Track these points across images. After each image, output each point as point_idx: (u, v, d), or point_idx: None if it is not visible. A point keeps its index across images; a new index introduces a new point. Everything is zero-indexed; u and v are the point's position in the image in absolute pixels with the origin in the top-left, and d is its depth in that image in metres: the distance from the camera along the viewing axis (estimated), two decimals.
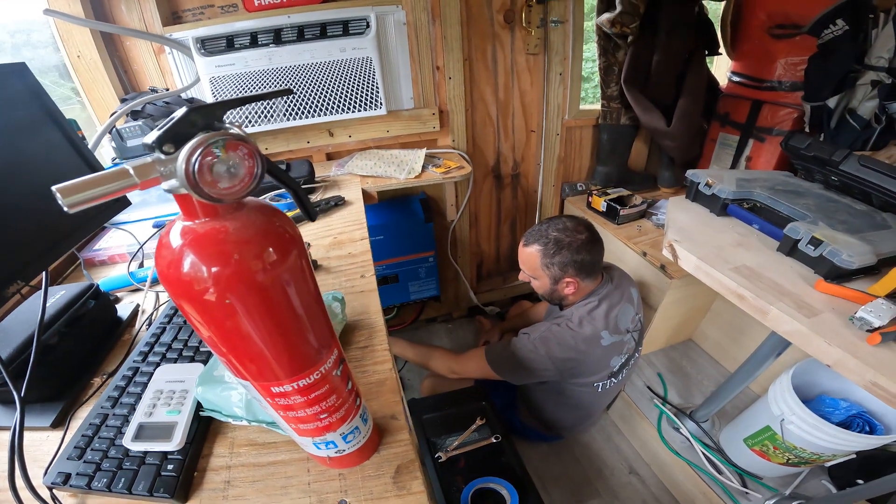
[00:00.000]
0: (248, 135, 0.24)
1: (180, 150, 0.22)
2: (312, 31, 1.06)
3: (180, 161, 0.22)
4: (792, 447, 0.91)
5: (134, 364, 0.56)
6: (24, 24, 1.03)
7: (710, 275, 0.72)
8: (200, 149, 0.22)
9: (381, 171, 1.18)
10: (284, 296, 0.27)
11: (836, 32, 0.94)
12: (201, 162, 0.22)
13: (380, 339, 0.59)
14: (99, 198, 0.22)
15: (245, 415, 0.46)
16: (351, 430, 0.37)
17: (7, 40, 1.03)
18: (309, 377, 0.31)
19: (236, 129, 0.24)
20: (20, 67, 0.57)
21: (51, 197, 0.21)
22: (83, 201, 0.21)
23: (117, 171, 0.22)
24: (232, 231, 0.25)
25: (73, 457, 0.46)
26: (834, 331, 0.60)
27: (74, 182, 0.21)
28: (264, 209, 0.27)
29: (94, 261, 0.86)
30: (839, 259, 0.66)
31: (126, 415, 0.50)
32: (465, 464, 0.94)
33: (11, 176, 0.54)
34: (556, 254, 0.89)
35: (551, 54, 1.29)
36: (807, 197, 0.82)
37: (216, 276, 0.24)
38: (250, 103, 0.27)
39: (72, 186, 0.21)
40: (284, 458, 0.46)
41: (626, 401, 1.31)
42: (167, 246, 0.25)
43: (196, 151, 0.22)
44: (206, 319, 0.26)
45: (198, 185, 0.22)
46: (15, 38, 1.04)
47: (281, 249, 0.26)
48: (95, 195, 0.21)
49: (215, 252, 0.24)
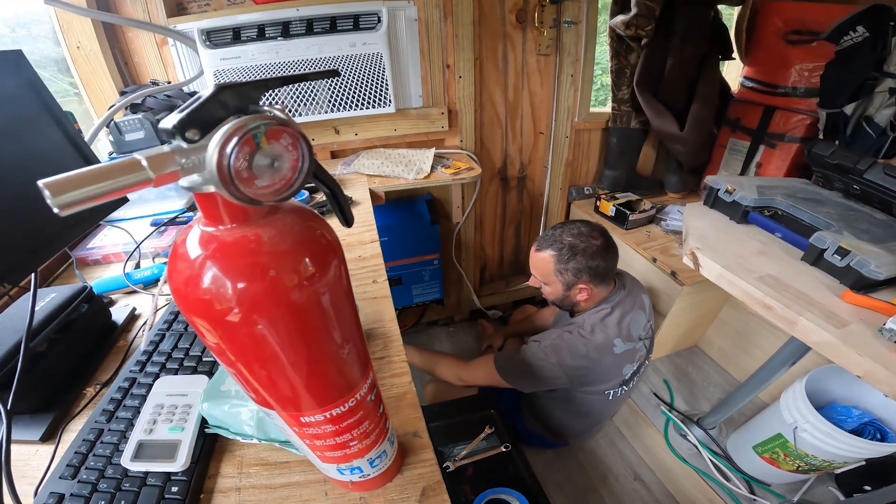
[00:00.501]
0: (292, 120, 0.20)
1: (210, 138, 0.18)
2: (322, 24, 1.03)
3: (212, 151, 0.17)
4: (804, 455, 0.91)
5: (131, 374, 0.52)
6: (25, 17, 1.00)
7: (734, 284, 0.69)
8: (239, 135, 0.17)
9: (389, 170, 1.14)
10: (323, 317, 0.23)
11: (855, 39, 0.93)
12: (239, 153, 0.18)
13: (397, 350, 0.56)
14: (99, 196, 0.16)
15: (256, 433, 0.43)
16: (378, 454, 0.34)
17: (7, 34, 0.99)
18: (343, 405, 0.27)
19: (278, 112, 0.19)
20: (16, 55, 0.53)
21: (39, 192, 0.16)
22: (79, 201, 0.16)
23: (126, 162, 0.17)
24: (266, 240, 0.20)
25: (66, 476, 0.43)
26: (863, 342, 0.59)
27: (68, 176, 0.16)
28: (301, 212, 0.23)
29: (87, 260, 0.81)
30: (867, 270, 0.64)
31: (123, 430, 0.46)
32: (474, 473, 0.92)
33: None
34: (571, 259, 0.86)
35: (563, 55, 1.27)
36: (827, 205, 0.80)
37: (246, 295, 0.20)
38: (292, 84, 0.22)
39: (64, 182, 0.16)
40: (299, 480, 0.43)
41: (632, 407, 1.29)
42: (184, 257, 0.21)
43: (233, 139, 0.17)
44: (228, 343, 0.22)
45: (234, 182, 0.18)
46: (15, 33, 1.00)
47: (321, 261, 0.22)
48: (95, 193, 0.16)
49: (247, 266, 0.20)
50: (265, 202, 0.20)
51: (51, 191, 0.15)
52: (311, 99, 1.11)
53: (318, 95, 1.11)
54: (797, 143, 1.18)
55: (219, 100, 0.18)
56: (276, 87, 0.21)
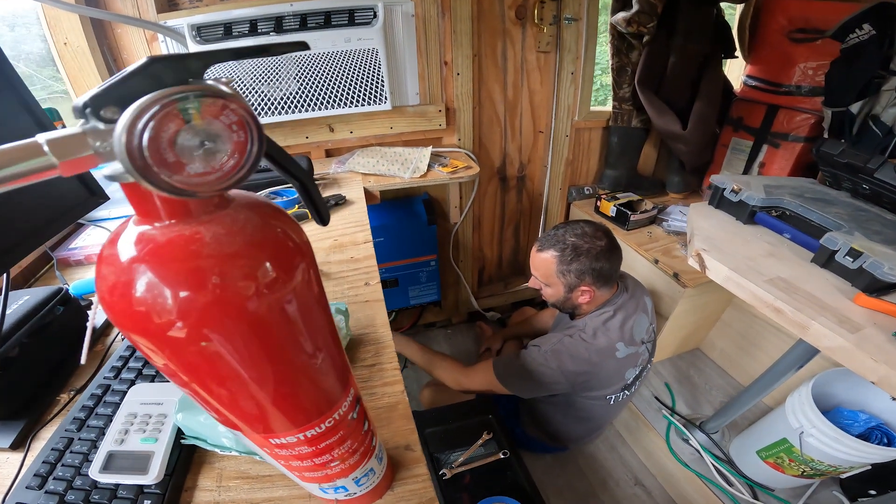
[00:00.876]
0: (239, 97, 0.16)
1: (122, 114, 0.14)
2: (316, 19, 1.00)
3: (120, 128, 0.14)
4: (810, 460, 0.89)
5: (105, 381, 0.49)
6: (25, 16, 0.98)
7: (743, 287, 0.67)
8: (154, 108, 0.14)
9: (385, 169, 1.11)
10: (288, 327, 0.20)
11: (861, 37, 0.91)
12: (157, 129, 0.14)
13: (389, 357, 0.53)
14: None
15: (235, 446, 0.40)
16: (365, 473, 0.31)
17: (7, 33, 0.97)
18: (320, 426, 0.24)
19: (222, 86, 0.16)
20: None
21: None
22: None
23: (22, 145, 0.14)
24: (210, 240, 0.17)
25: (32, 486, 0.40)
26: (878, 347, 0.57)
27: None
28: (258, 207, 0.19)
29: (69, 261, 0.78)
30: (880, 272, 0.61)
31: (94, 440, 0.43)
32: (471, 480, 0.89)
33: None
34: (574, 261, 0.84)
35: (563, 52, 1.25)
36: (836, 205, 0.78)
37: (187, 305, 0.16)
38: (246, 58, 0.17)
39: None
40: (282, 495, 0.40)
41: (633, 411, 1.27)
42: (112, 260, 0.17)
43: (147, 112, 0.14)
44: (173, 361, 0.19)
45: (150, 166, 0.14)
46: (15, 32, 0.98)
47: (283, 264, 0.18)
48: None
49: (185, 271, 0.16)
50: (200, 193, 0.16)
51: None
52: (304, 95, 1.08)
53: (312, 93, 1.08)
54: (801, 142, 1.16)
55: (149, 73, 0.15)
56: (225, 59, 0.17)
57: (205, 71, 0.16)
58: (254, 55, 0.18)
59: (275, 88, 1.05)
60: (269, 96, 1.06)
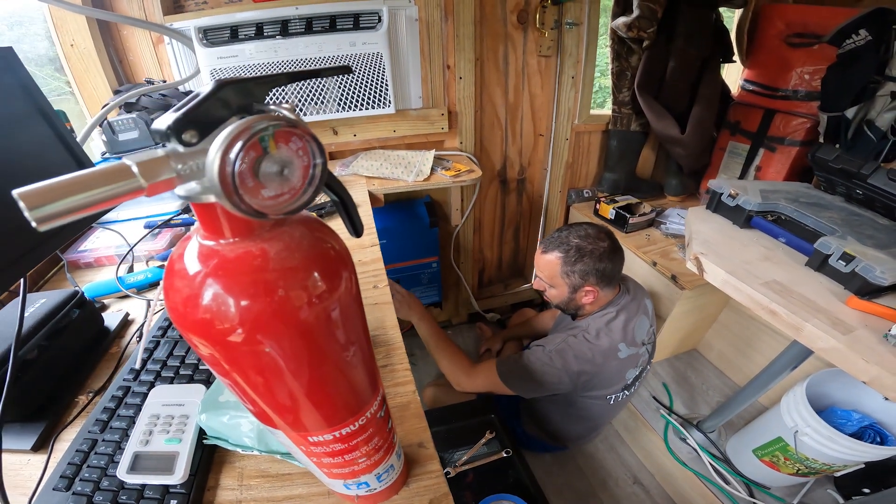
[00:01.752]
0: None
1: (210, 140, 0.16)
2: (321, 23, 1.01)
3: (213, 156, 0.15)
4: (804, 458, 0.91)
5: (124, 383, 0.51)
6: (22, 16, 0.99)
7: (739, 290, 0.69)
8: (244, 138, 0.15)
9: (388, 172, 1.13)
10: (334, 334, 0.21)
11: (858, 42, 0.93)
12: (244, 158, 0.15)
13: (399, 357, 0.54)
14: (84, 209, 0.14)
15: (257, 445, 0.41)
16: (386, 469, 0.33)
17: (5, 32, 0.98)
18: (353, 424, 0.26)
19: (287, 112, 0.17)
20: (6, 52, 0.51)
21: None
22: (59, 214, 0.14)
23: (113, 168, 0.15)
24: (273, 256, 0.18)
25: (60, 487, 0.41)
26: (870, 348, 0.59)
27: (48, 185, 0.14)
28: (309, 223, 0.21)
29: (79, 263, 0.79)
30: (872, 275, 0.64)
31: (118, 441, 0.45)
32: (475, 479, 0.91)
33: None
34: (578, 261, 0.85)
35: (564, 57, 1.26)
36: (830, 210, 0.80)
37: (252, 314, 0.18)
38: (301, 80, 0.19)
39: (44, 192, 0.14)
40: (302, 493, 0.41)
41: (631, 411, 1.29)
42: (182, 274, 0.19)
43: (238, 142, 0.15)
44: (233, 366, 0.20)
45: (238, 192, 0.16)
46: (13, 31, 0.99)
47: (331, 275, 0.20)
48: (79, 205, 0.14)
49: (252, 284, 0.18)
50: (272, 215, 0.17)
51: (28, 203, 0.13)
52: (311, 99, 1.09)
53: (319, 95, 1.09)
54: (797, 146, 1.18)
55: (219, 97, 0.16)
56: (284, 83, 0.19)
57: (267, 94, 0.18)
58: (306, 78, 0.19)
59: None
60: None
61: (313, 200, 0.19)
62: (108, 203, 0.15)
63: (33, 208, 0.13)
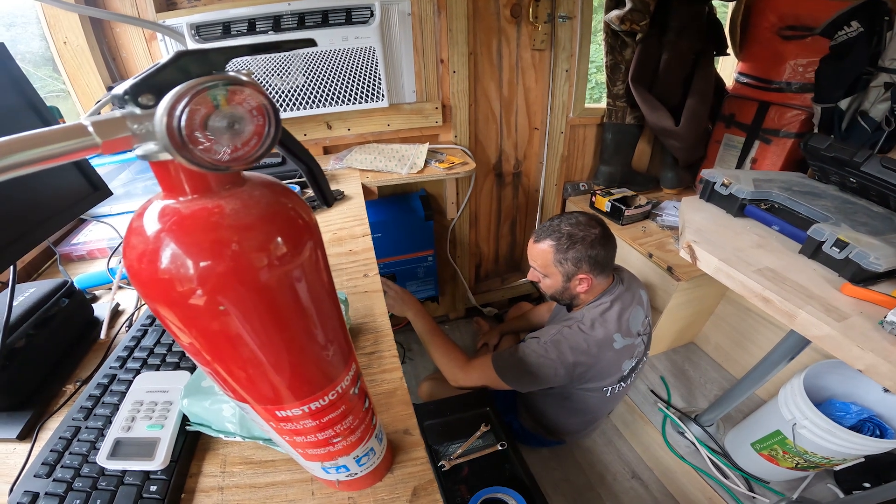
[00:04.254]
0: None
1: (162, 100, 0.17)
2: (314, 18, 1.01)
3: (160, 112, 0.16)
4: (803, 451, 0.90)
5: (111, 371, 0.51)
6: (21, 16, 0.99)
7: (732, 277, 0.69)
8: (190, 94, 0.16)
9: (382, 165, 1.13)
10: (296, 299, 0.21)
11: (850, 34, 0.92)
12: (192, 112, 0.16)
13: (387, 344, 0.54)
14: (39, 161, 0.15)
15: (239, 431, 0.41)
16: (366, 452, 0.32)
17: (3, 33, 0.98)
18: (323, 399, 0.25)
19: (243, 77, 0.18)
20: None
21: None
22: (17, 165, 0.15)
23: (69, 127, 0.16)
24: (229, 212, 0.19)
25: (41, 474, 0.41)
26: (864, 335, 0.58)
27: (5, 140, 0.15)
28: (271, 186, 0.21)
29: (71, 255, 0.79)
30: (866, 262, 0.63)
31: (101, 428, 0.44)
32: (469, 472, 0.90)
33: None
34: (570, 248, 0.85)
35: (558, 50, 1.26)
36: (824, 198, 0.79)
37: (207, 272, 0.18)
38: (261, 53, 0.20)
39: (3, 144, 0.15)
40: (285, 479, 0.41)
41: (629, 405, 1.28)
42: (140, 231, 0.19)
43: (185, 98, 0.16)
44: (191, 329, 0.20)
45: (186, 144, 0.17)
46: (11, 32, 0.99)
47: (293, 239, 0.20)
48: (34, 157, 0.15)
49: (207, 240, 0.18)
50: (227, 168, 0.18)
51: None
52: (303, 92, 1.09)
53: (310, 91, 1.09)
54: (792, 138, 1.17)
55: (178, 65, 0.17)
56: (245, 54, 0.20)
57: (226, 64, 0.19)
58: (268, 51, 0.20)
59: (284, 81, 1.07)
60: (279, 89, 1.07)
61: (267, 154, 0.19)
62: (65, 158, 0.16)
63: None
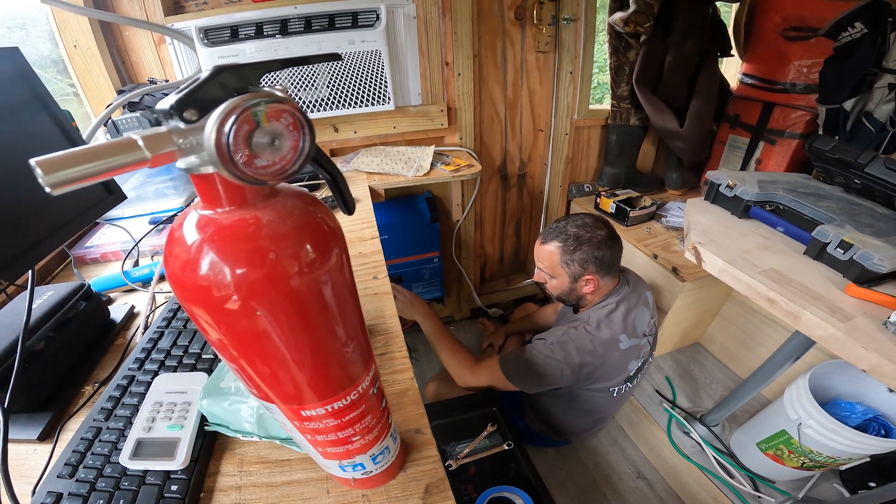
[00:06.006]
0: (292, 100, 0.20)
1: (208, 117, 0.18)
2: (320, 22, 1.02)
3: (209, 129, 0.17)
4: (808, 451, 0.91)
5: (129, 372, 0.52)
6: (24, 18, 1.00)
7: (738, 278, 0.69)
8: (237, 113, 0.17)
9: (389, 167, 1.14)
10: (325, 305, 0.23)
11: (854, 35, 0.93)
12: (238, 129, 0.17)
13: (398, 346, 0.55)
14: (93, 176, 0.16)
15: (256, 430, 0.42)
16: (381, 450, 0.34)
17: (5, 35, 0.99)
18: (345, 398, 0.26)
19: (279, 93, 0.19)
20: (12, 52, 0.52)
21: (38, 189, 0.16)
22: (71, 179, 0.16)
23: (120, 142, 0.17)
24: (266, 223, 0.20)
25: (63, 475, 0.42)
26: (869, 335, 0.59)
27: (61, 154, 0.16)
28: (301, 196, 0.22)
29: (85, 258, 0.80)
30: (870, 263, 0.64)
31: (122, 428, 0.46)
32: (476, 472, 0.91)
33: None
34: (577, 249, 0.86)
35: (562, 52, 1.27)
36: (829, 200, 0.80)
37: (244, 279, 0.19)
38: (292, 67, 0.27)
39: (58, 160, 0.15)
40: (301, 478, 0.42)
41: (635, 405, 1.29)
42: (181, 241, 0.20)
43: (231, 116, 0.17)
44: (229, 333, 0.22)
45: (233, 160, 0.18)
46: (14, 34, 1.00)
47: (322, 246, 0.21)
48: (89, 172, 0.16)
49: (246, 250, 0.19)
50: (265, 182, 0.19)
51: (43, 169, 0.15)
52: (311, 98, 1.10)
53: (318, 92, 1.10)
54: (797, 139, 1.18)
55: (217, 81, 0.18)
56: (277, 69, 0.21)
57: (260, 78, 0.20)
58: (297, 64, 0.21)
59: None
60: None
61: (303, 169, 0.20)
62: (116, 171, 0.17)
63: (48, 174, 0.15)
